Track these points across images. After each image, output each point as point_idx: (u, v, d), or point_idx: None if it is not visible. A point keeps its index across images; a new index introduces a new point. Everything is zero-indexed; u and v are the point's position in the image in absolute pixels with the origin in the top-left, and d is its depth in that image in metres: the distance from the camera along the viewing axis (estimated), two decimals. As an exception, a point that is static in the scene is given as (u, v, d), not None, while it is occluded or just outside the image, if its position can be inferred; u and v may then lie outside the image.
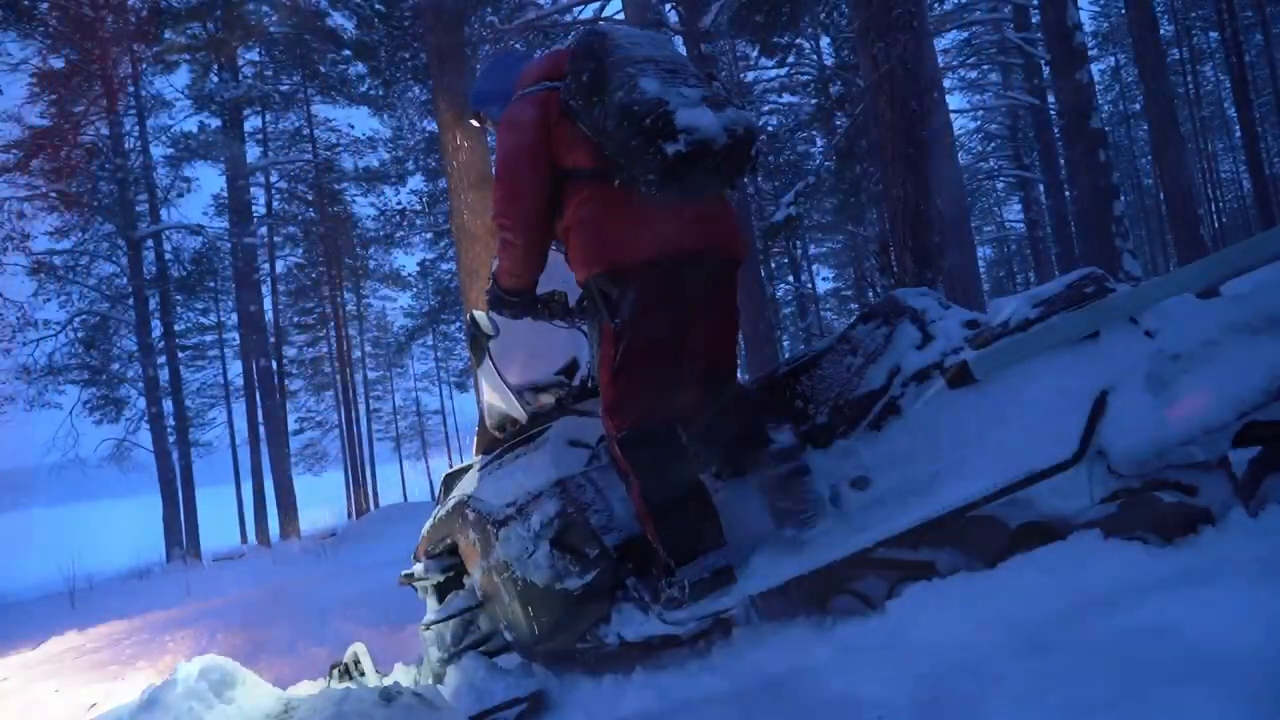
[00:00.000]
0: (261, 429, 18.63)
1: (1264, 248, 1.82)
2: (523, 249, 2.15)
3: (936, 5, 17.15)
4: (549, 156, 2.07)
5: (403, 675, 2.77)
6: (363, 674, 2.72)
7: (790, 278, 26.40)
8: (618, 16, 11.49)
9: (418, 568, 2.65)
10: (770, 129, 22.80)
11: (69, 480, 18.59)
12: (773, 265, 23.61)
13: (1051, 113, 17.91)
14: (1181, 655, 1.31)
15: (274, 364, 19.44)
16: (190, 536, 17.95)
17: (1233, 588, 1.53)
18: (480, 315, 2.39)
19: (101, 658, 5.91)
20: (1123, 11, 19.27)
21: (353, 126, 23.02)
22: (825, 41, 18.48)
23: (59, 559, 11.55)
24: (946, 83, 19.14)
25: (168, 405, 18.36)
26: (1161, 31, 14.20)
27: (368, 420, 28.51)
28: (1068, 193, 18.40)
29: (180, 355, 19.55)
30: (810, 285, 27.16)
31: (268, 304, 20.15)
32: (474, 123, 2.54)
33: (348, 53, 17.41)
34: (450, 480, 2.61)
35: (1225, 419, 1.68)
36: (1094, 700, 1.32)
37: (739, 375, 2.31)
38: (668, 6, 12.22)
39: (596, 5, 11.68)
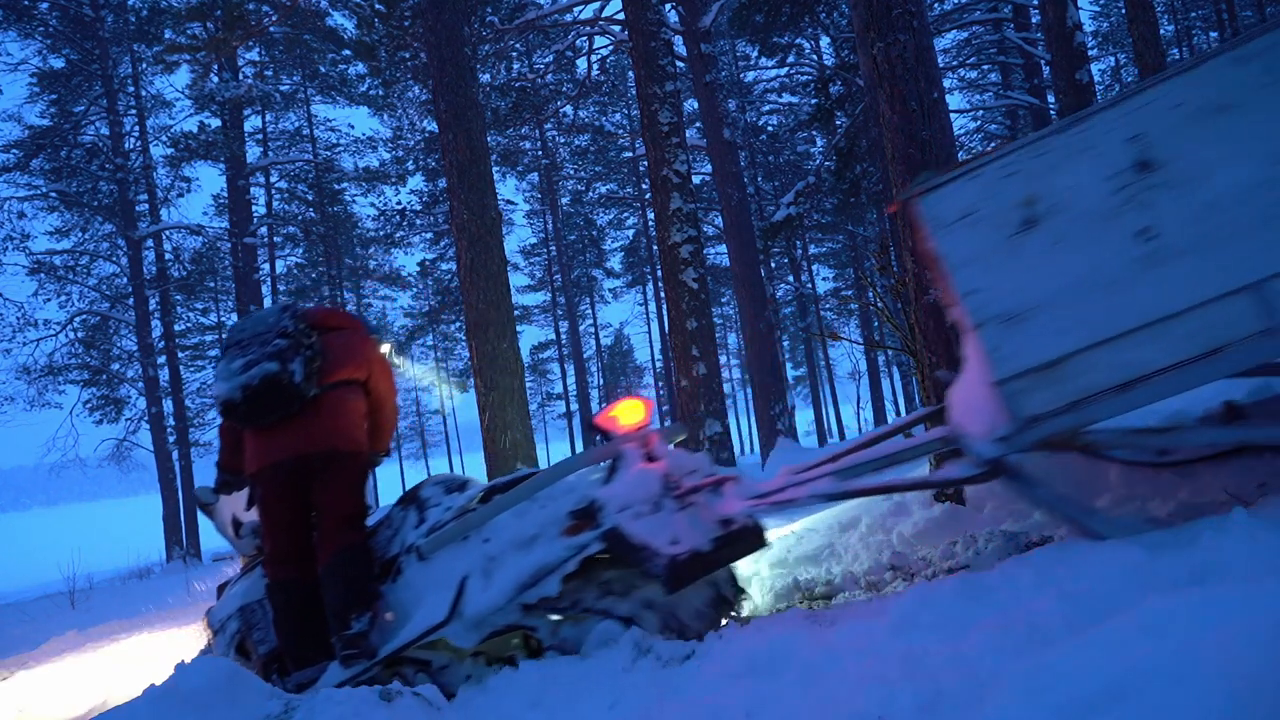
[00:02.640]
0: (261, 429, 18.60)
1: (540, 482, 2.87)
2: (223, 441, 3.36)
3: (936, 5, 17.16)
4: None
5: None
6: None
7: (790, 278, 26.42)
8: (618, 16, 11.49)
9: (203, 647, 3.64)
10: (770, 129, 22.83)
11: (69, 480, 18.58)
12: (773, 265, 23.63)
13: (1051, 113, 17.90)
14: (1181, 655, 1.31)
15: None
16: (190, 536, 17.95)
17: (1233, 588, 1.53)
18: (200, 489, 3.54)
19: (101, 658, 5.92)
20: (1123, 11, 19.27)
21: (353, 126, 23.07)
22: (825, 41, 18.50)
23: (59, 559, 11.55)
24: (946, 83, 19.13)
25: (168, 405, 18.36)
26: (1161, 31, 14.19)
27: (368, 420, 28.47)
28: (1068, 193, 18.34)
29: (180, 355, 19.54)
30: (810, 285, 27.17)
31: (268, 304, 20.14)
32: None
33: (348, 53, 17.42)
34: (221, 589, 3.65)
35: (502, 602, 2.66)
36: (1093, 700, 1.32)
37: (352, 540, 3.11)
38: (668, 6, 12.22)
39: (596, 5, 11.68)
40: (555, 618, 2.73)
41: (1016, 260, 2.15)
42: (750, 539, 2.65)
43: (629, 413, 2.93)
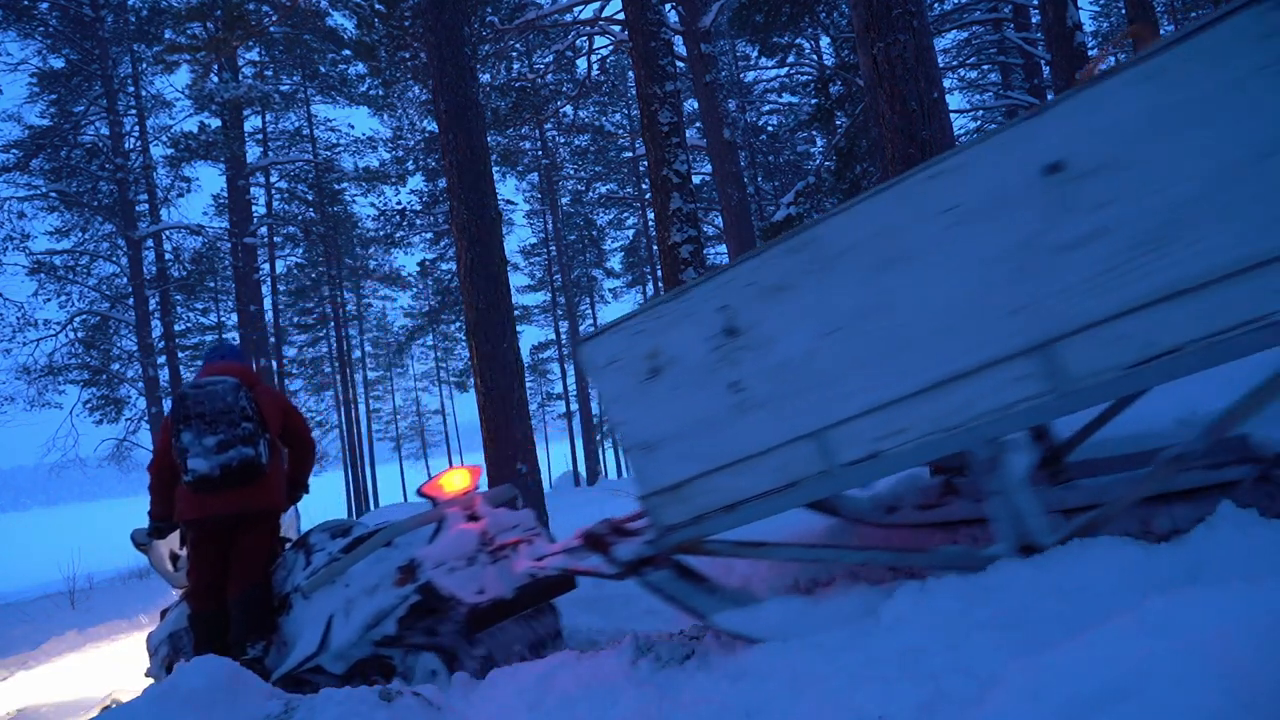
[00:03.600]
0: (261, 429, 18.56)
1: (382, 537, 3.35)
2: (154, 495, 3.75)
3: (936, 5, 17.15)
4: (170, 457, 3.62)
5: None
6: None
7: (790, 278, 26.35)
8: (618, 16, 11.49)
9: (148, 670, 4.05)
10: (770, 129, 22.82)
11: (69, 480, 18.56)
12: (773, 265, 23.55)
13: (1051, 113, 17.82)
14: (1181, 655, 1.31)
15: (274, 364, 19.43)
16: (190, 536, 17.89)
17: (1232, 587, 1.53)
18: (136, 531, 3.95)
19: (101, 658, 5.92)
20: (1123, 11, 19.25)
21: (353, 126, 23.05)
22: (825, 41, 18.48)
23: (59, 559, 11.54)
24: (946, 83, 19.10)
25: (168, 405, 18.33)
26: (1162, 32, 14.17)
27: (368, 420, 28.51)
28: (1068, 193, 18.31)
29: (180, 355, 19.52)
30: (810, 285, 27.07)
31: (268, 304, 20.14)
32: None
33: (348, 53, 17.40)
34: (163, 614, 4.13)
35: (355, 638, 3.11)
36: (1094, 699, 1.32)
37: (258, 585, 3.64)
38: (668, 6, 12.22)
39: (596, 5, 11.68)
40: (402, 651, 3.18)
41: (648, 400, 2.59)
42: (554, 586, 3.18)
43: (454, 480, 3.49)
